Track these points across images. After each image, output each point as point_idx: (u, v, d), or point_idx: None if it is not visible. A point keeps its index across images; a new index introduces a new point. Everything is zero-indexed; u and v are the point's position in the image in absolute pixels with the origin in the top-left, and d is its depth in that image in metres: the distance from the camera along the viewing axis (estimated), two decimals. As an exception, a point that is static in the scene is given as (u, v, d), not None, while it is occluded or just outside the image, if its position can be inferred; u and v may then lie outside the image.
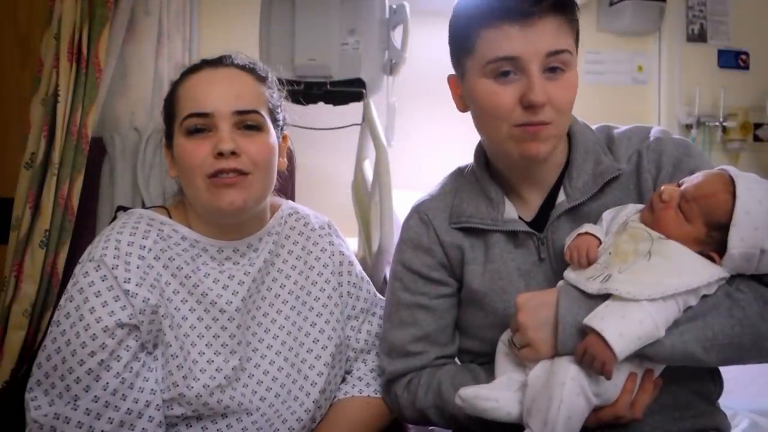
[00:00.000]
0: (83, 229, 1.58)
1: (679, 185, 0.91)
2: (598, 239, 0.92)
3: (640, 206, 0.95)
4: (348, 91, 1.73)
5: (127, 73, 1.80)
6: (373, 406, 1.12)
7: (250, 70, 1.06)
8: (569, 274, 0.91)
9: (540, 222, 1.02)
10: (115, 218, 1.06)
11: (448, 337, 1.08)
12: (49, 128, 1.47)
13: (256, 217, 1.08)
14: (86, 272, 0.96)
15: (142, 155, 1.65)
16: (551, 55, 0.92)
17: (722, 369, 1.04)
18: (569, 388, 0.83)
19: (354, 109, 1.80)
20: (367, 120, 1.75)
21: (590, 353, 0.82)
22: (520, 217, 1.03)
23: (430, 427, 1.16)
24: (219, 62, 1.05)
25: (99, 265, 0.95)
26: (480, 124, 1.00)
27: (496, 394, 0.89)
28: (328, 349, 1.09)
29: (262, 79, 1.06)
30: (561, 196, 1.00)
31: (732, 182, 0.86)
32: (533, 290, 0.97)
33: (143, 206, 1.10)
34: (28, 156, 1.49)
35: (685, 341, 0.84)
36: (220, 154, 0.96)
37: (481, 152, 1.08)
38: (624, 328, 0.81)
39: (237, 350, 1.02)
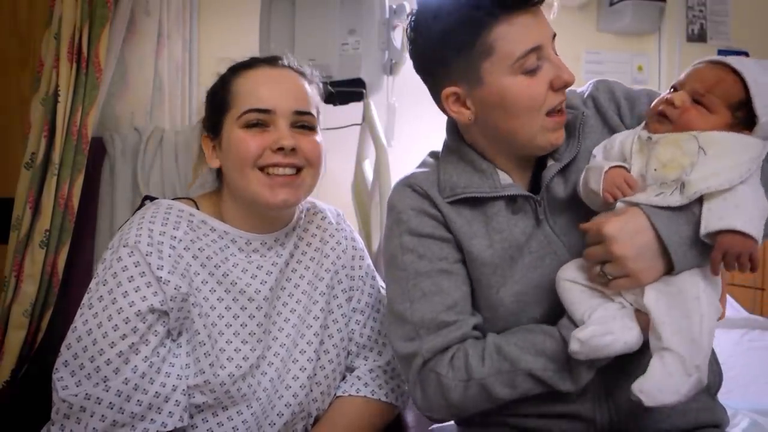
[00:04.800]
0: (83, 229, 1.58)
1: (674, 90, 0.92)
2: (624, 167, 0.91)
3: (631, 130, 0.96)
4: (348, 91, 1.73)
5: (127, 73, 1.80)
6: (372, 405, 1.12)
7: (301, 73, 1.11)
8: (639, 197, 0.88)
9: (530, 189, 1.02)
10: (141, 206, 1.08)
11: (471, 307, 1.00)
12: (49, 128, 1.47)
13: (289, 213, 1.13)
14: (120, 257, 0.97)
15: (142, 155, 1.65)
16: (553, 38, 0.95)
17: (723, 368, 1.04)
18: (705, 301, 0.83)
19: (354, 109, 1.80)
20: (367, 120, 1.75)
21: (733, 252, 0.80)
22: None
23: (430, 428, 1.15)
24: (274, 62, 1.10)
25: (132, 251, 0.97)
26: (509, 122, 0.95)
27: (609, 327, 0.85)
28: (312, 328, 1.10)
29: (311, 82, 1.12)
30: (550, 161, 1.00)
31: (726, 64, 0.90)
32: (535, 254, 0.97)
33: (140, 204, 1.10)
34: (28, 156, 1.49)
35: None
36: (280, 149, 1.01)
37: (456, 131, 1.05)
38: (747, 214, 0.81)
39: (263, 339, 1.05)
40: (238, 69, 1.08)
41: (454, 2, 0.92)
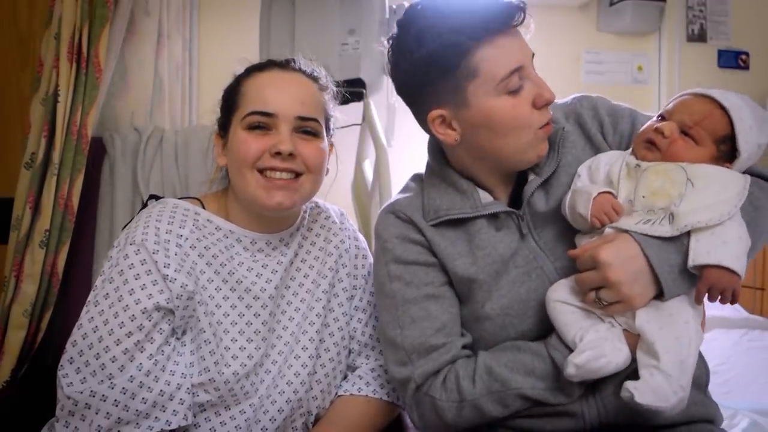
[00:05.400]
0: (83, 229, 1.58)
1: (662, 119, 0.96)
2: (611, 193, 0.94)
3: (615, 152, 0.99)
4: (348, 91, 1.73)
5: (127, 73, 1.80)
6: (374, 405, 1.12)
7: (314, 78, 1.11)
8: (628, 223, 0.91)
9: (511, 204, 1.03)
10: (145, 206, 1.08)
11: (460, 328, 1.03)
12: (49, 128, 1.47)
13: (293, 214, 1.13)
14: (126, 255, 0.98)
15: (142, 155, 1.65)
16: (532, 57, 0.96)
17: (723, 368, 1.05)
18: (693, 326, 0.87)
19: (354, 109, 1.80)
20: (367, 120, 1.75)
21: (718, 287, 0.85)
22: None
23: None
24: (287, 65, 1.10)
25: (139, 249, 0.98)
26: (495, 141, 0.96)
27: (602, 351, 0.89)
28: (315, 326, 1.11)
29: (323, 88, 1.12)
30: (531, 176, 1.02)
31: (712, 98, 0.94)
32: (521, 269, 0.99)
33: (143, 204, 1.10)
34: (28, 156, 1.49)
35: (753, 242, 0.89)
36: (278, 154, 1.01)
37: (437, 151, 1.07)
38: (734, 250, 0.85)
39: (267, 337, 1.05)
40: (252, 70, 1.09)
41: (436, 26, 0.92)
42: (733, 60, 2.78)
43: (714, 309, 2.24)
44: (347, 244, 1.19)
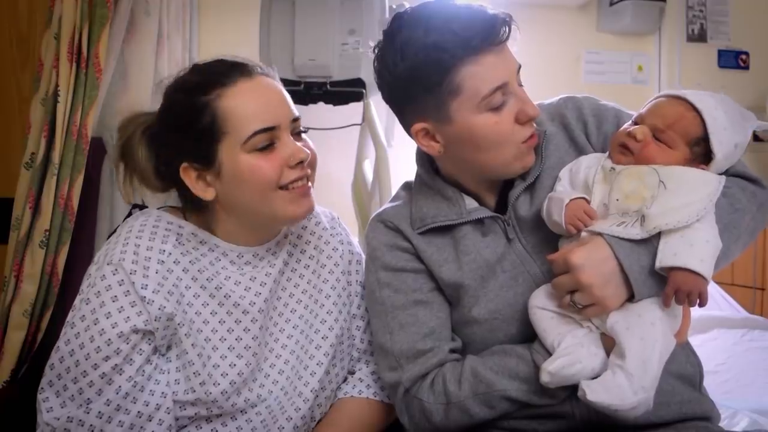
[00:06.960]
0: (83, 229, 1.58)
1: (635, 124, 0.95)
2: (584, 198, 0.94)
3: (596, 155, 0.99)
4: (348, 91, 1.73)
5: (127, 73, 1.81)
6: (374, 406, 1.12)
7: (273, 76, 1.05)
8: (602, 226, 0.91)
9: (498, 209, 1.04)
10: (129, 215, 1.05)
11: (450, 332, 1.05)
12: (49, 128, 1.47)
13: None
14: (103, 275, 0.94)
15: (142, 155, 1.65)
16: (518, 70, 0.96)
17: (723, 368, 1.05)
18: (660, 328, 0.87)
19: (354, 109, 1.80)
20: (367, 120, 1.76)
21: (684, 289, 0.84)
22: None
23: None
24: (250, 73, 1.00)
25: (116, 269, 0.94)
26: (478, 155, 0.97)
27: (576, 357, 0.89)
28: (328, 340, 1.09)
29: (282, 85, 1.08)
30: (517, 180, 1.02)
31: (686, 100, 0.93)
32: (509, 273, 1.00)
33: (128, 213, 1.08)
34: (28, 156, 1.49)
35: (728, 245, 0.89)
36: (300, 163, 0.97)
37: (425, 160, 1.08)
38: (699, 253, 0.85)
39: (258, 352, 1.02)
40: (213, 88, 0.96)
41: (419, 40, 0.91)
42: (733, 60, 2.78)
43: (714, 309, 2.24)
44: (341, 250, 1.16)
